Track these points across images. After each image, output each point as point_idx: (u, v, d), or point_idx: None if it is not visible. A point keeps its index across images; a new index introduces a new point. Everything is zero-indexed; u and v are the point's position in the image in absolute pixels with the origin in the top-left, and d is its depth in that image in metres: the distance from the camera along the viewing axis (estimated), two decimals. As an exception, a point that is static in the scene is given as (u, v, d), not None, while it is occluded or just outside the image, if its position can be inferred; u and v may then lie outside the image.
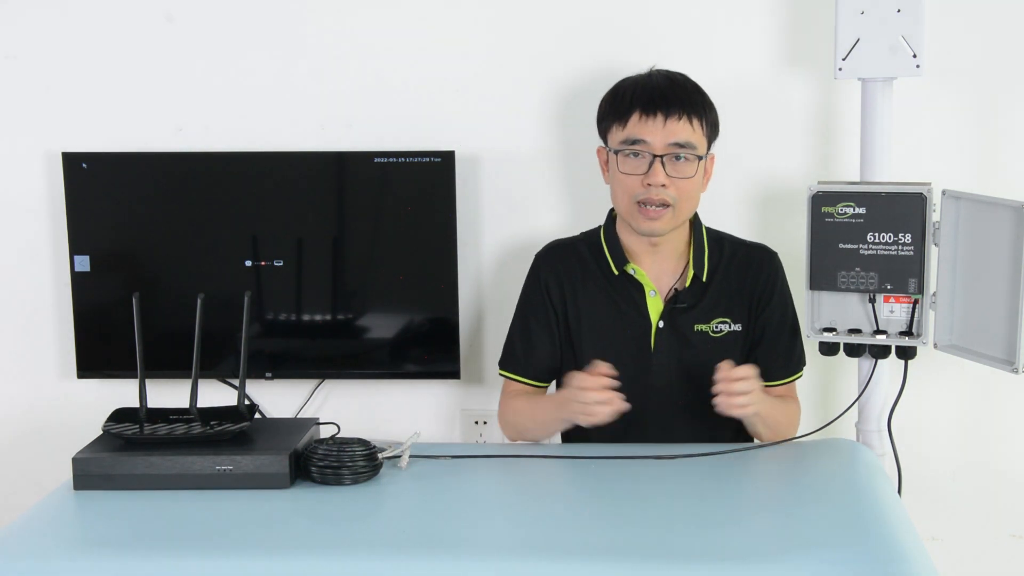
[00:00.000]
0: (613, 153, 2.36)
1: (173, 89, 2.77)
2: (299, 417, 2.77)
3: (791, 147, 2.71)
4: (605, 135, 2.40)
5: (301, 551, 1.88)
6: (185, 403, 2.24)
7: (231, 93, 2.76)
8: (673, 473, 2.18)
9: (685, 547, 1.87)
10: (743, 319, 2.42)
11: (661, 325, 2.40)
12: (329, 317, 2.72)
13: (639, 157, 2.33)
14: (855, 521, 1.96)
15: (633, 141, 2.33)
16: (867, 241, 2.36)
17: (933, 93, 2.61)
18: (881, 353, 2.46)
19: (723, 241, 2.47)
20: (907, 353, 2.44)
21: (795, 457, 2.29)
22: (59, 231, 2.77)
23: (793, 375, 2.47)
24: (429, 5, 2.72)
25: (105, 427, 2.21)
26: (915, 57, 2.40)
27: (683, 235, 2.43)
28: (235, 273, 2.69)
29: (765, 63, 2.68)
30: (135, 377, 2.22)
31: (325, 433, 2.32)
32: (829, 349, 2.47)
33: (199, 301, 2.21)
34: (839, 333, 2.44)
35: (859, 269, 2.37)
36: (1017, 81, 2.65)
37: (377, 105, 2.74)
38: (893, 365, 2.49)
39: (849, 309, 2.42)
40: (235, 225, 2.70)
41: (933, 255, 2.34)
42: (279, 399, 2.83)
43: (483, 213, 2.76)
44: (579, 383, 2.23)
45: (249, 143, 2.73)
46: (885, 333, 2.40)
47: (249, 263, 2.69)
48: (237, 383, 2.29)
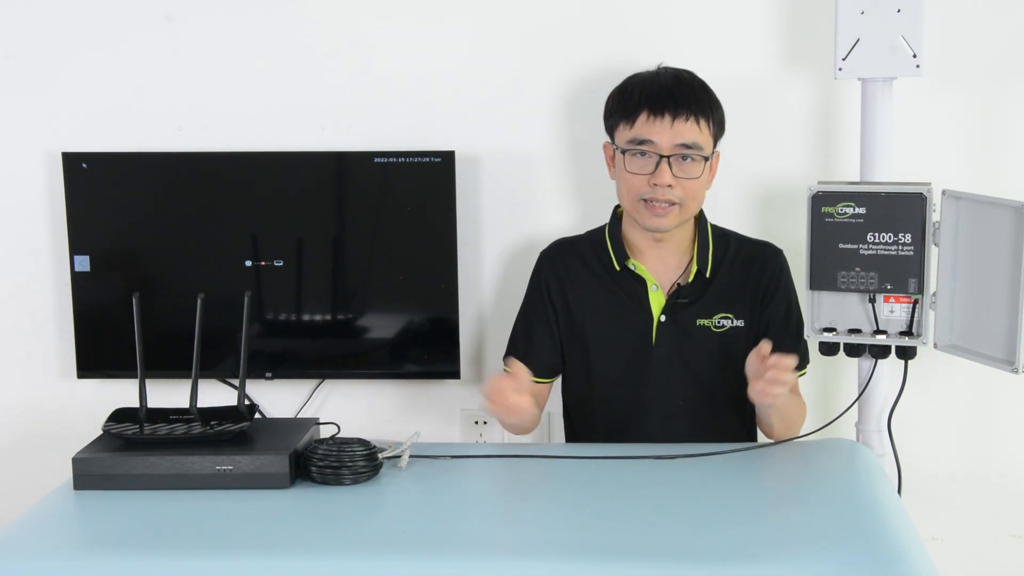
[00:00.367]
0: (620, 152, 2.36)
1: (173, 89, 2.77)
2: (299, 417, 2.77)
3: (791, 147, 2.71)
4: (612, 132, 2.41)
5: (301, 551, 1.88)
6: (185, 403, 2.24)
7: (231, 93, 2.76)
8: (673, 473, 2.18)
9: (685, 547, 1.88)
10: (746, 315, 2.43)
11: (663, 319, 2.41)
12: (329, 317, 2.72)
13: (646, 157, 2.33)
14: (855, 521, 1.96)
15: (640, 141, 2.33)
16: (867, 241, 2.36)
17: (933, 93, 2.61)
18: (881, 353, 2.46)
19: (728, 238, 2.47)
20: (907, 353, 2.44)
21: (795, 457, 2.29)
22: (59, 231, 2.76)
23: (798, 371, 2.46)
24: (429, 5, 2.72)
25: (105, 427, 2.21)
26: (915, 57, 2.40)
27: (688, 231, 2.44)
28: (235, 273, 2.69)
29: (765, 63, 2.68)
30: (135, 377, 2.22)
31: (325, 433, 2.32)
32: (829, 349, 2.46)
33: (199, 301, 2.21)
34: (839, 333, 2.43)
35: (859, 269, 2.37)
36: (1017, 81, 2.65)
37: (377, 105, 2.74)
38: (893, 365, 2.49)
39: (849, 309, 2.42)
40: (235, 225, 2.70)
41: (933, 255, 2.34)
42: (279, 399, 2.83)
43: (483, 213, 2.76)
44: (487, 384, 2.26)
45: (249, 143, 2.73)
46: (885, 333, 2.40)
47: (249, 263, 2.69)
48: (237, 383, 2.29)
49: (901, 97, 2.49)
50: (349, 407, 2.82)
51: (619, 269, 2.43)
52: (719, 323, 2.42)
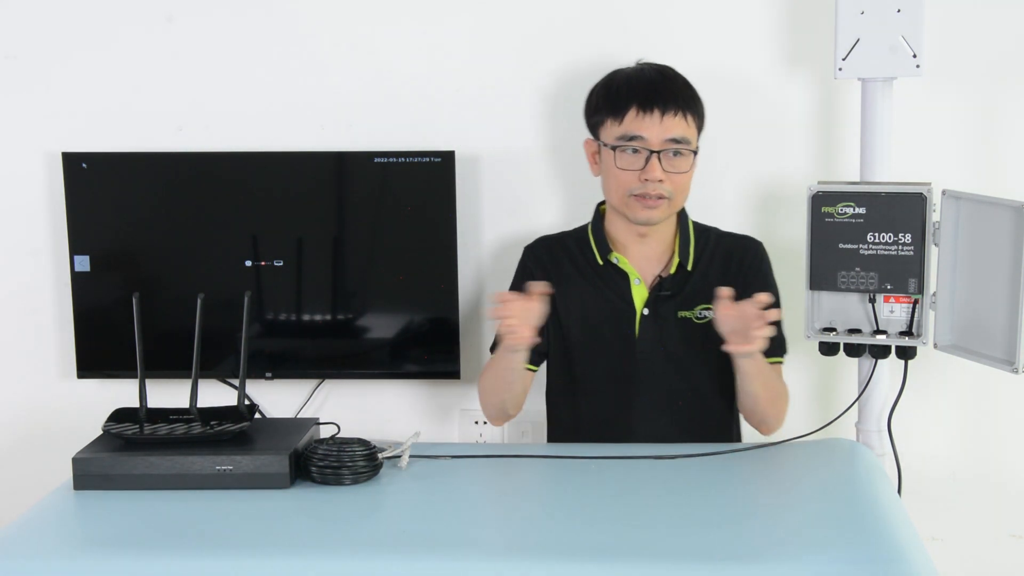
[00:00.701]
0: (609, 149, 2.37)
1: (173, 89, 2.77)
2: (299, 417, 2.77)
3: (791, 147, 2.71)
4: (596, 129, 2.42)
5: (301, 551, 1.88)
6: (185, 403, 2.24)
7: (231, 93, 2.76)
8: (673, 473, 2.18)
9: (685, 547, 1.88)
10: None
11: (646, 312, 2.42)
12: (329, 317, 2.72)
13: (636, 153, 2.34)
14: (855, 521, 1.96)
15: (631, 137, 2.34)
16: (867, 241, 2.36)
17: (933, 93, 2.61)
18: (881, 353, 2.46)
19: (709, 232, 2.49)
20: (907, 353, 2.44)
21: (795, 457, 2.29)
22: (59, 231, 2.76)
23: (774, 356, 2.44)
24: (429, 5, 2.72)
25: (105, 427, 2.21)
26: (915, 57, 2.40)
27: (670, 225, 2.45)
28: (235, 273, 2.69)
29: (765, 63, 2.68)
30: (135, 377, 2.22)
31: (325, 433, 2.32)
32: (829, 349, 2.47)
33: (199, 301, 2.21)
34: (839, 333, 2.43)
35: (859, 269, 2.37)
36: (1017, 81, 2.65)
37: (377, 105, 2.74)
38: (893, 365, 2.49)
39: (849, 309, 2.42)
40: (235, 225, 2.70)
41: (933, 255, 2.34)
42: (279, 399, 2.83)
43: (483, 213, 2.76)
44: (500, 297, 2.25)
45: (249, 143, 2.73)
46: (885, 333, 2.40)
47: (249, 263, 2.69)
48: (237, 383, 2.29)
49: (901, 97, 2.49)
50: (349, 407, 2.82)
51: (602, 263, 2.44)
52: (701, 315, 2.43)
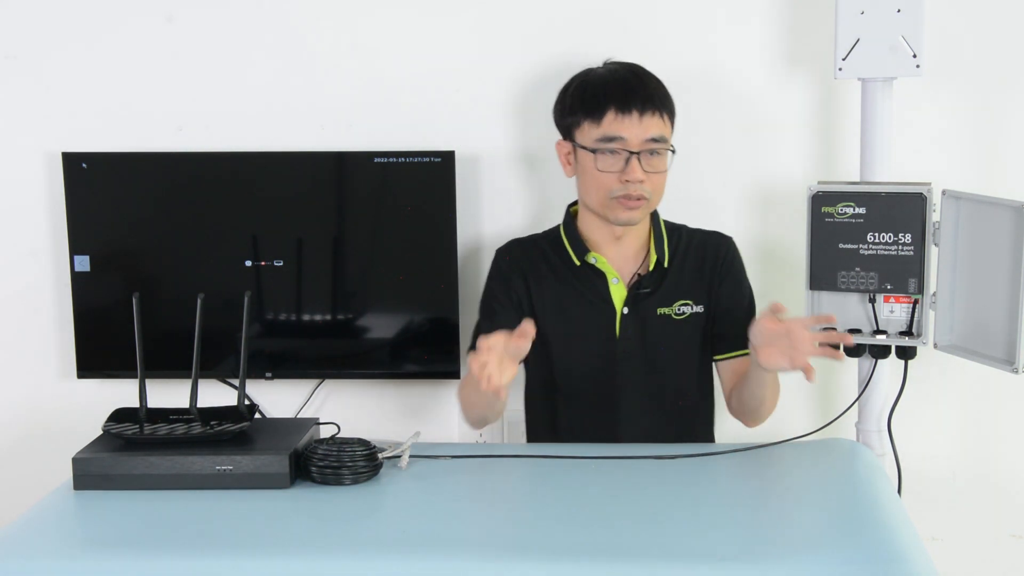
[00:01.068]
0: (588, 151, 2.36)
1: (173, 89, 2.77)
2: (299, 417, 2.77)
3: (791, 147, 2.71)
4: (571, 130, 2.41)
5: (301, 551, 1.88)
6: (185, 403, 2.24)
7: (231, 93, 2.76)
8: (673, 473, 2.18)
9: (684, 547, 1.88)
10: (704, 300, 2.44)
11: (626, 311, 2.42)
12: (329, 317, 2.72)
13: (615, 154, 2.33)
14: (855, 521, 1.96)
15: (610, 139, 2.33)
16: (867, 241, 2.36)
17: (933, 93, 2.61)
18: (881, 353, 2.46)
19: (680, 230, 2.49)
20: (907, 353, 2.44)
21: (795, 457, 2.29)
22: (59, 231, 2.76)
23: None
24: (429, 5, 2.72)
25: (105, 427, 2.21)
26: (915, 57, 2.41)
27: (644, 225, 2.45)
28: (235, 273, 2.69)
29: (765, 63, 2.68)
30: (135, 377, 2.22)
31: (325, 433, 2.32)
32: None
33: (199, 301, 2.21)
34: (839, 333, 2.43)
35: (859, 269, 2.38)
36: (1017, 81, 2.65)
37: (377, 105, 2.74)
38: (893, 365, 2.49)
39: (849, 309, 2.42)
40: (235, 225, 2.70)
41: (933, 255, 2.34)
42: (279, 399, 2.83)
43: (483, 213, 2.76)
44: (481, 343, 2.11)
45: (249, 143, 2.73)
46: (885, 333, 2.41)
47: (249, 263, 2.69)
48: (237, 383, 2.29)
49: (901, 97, 2.49)
50: (349, 407, 2.82)
51: (579, 264, 2.44)
52: (680, 310, 2.43)
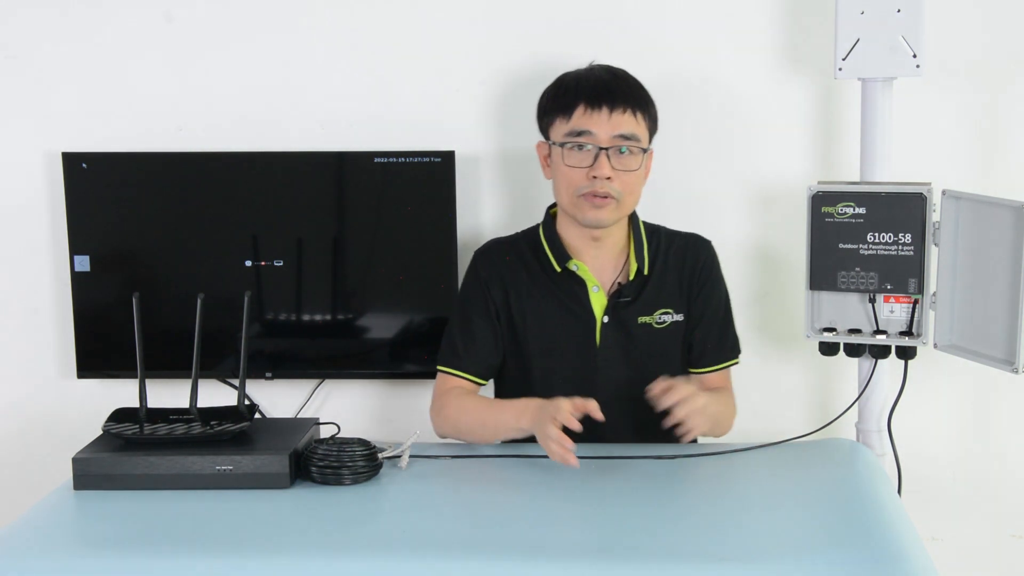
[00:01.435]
0: (558, 147, 2.36)
1: (173, 89, 2.77)
2: (299, 417, 2.77)
3: (791, 147, 2.71)
4: (547, 129, 2.40)
5: (301, 551, 1.88)
6: (185, 403, 2.24)
7: (231, 93, 2.76)
8: (673, 473, 2.18)
9: (685, 547, 1.88)
10: (684, 308, 2.43)
11: (606, 320, 2.40)
12: (329, 317, 2.72)
13: (584, 150, 2.32)
14: (855, 521, 1.96)
15: (579, 133, 2.33)
16: (867, 241, 2.36)
17: (933, 93, 2.61)
18: (881, 353, 2.46)
19: (659, 233, 2.47)
20: (907, 353, 2.44)
21: (795, 457, 2.29)
22: (59, 231, 2.76)
23: (727, 361, 2.47)
24: (429, 5, 2.72)
25: (105, 427, 2.21)
26: (915, 57, 2.41)
27: (622, 230, 2.43)
28: (235, 273, 2.69)
29: (765, 63, 2.68)
30: (135, 377, 2.23)
31: (325, 433, 2.32)
32: (829, 349, 2.47)
33: (199, 301, 2.21)
34: (839, 333, 2.44)
35: (859, 269, 2.38)
36: (1017, 81, 2.65)
37: (377, 105, 2.74)
38: (893, 365, 2.49)
39: (849, 309, 2.43)
40: (235, 225, 2.70)
41: (933, 255, 2.34)
42: (279, 399, 2.83)
43: (483, 213, 2.76)
44: (556, 410, 2.14)
45: (249, 143, 2.73)
46: (885, 333, 2.41)
47: (249, 263, 2.69)
48: (237, 383, 2.29)
49: (901, 97, 2.49)
50: (349, 407, 2.82)
51: (559, 270, 2.41)
52: (660, 319, 2.42)
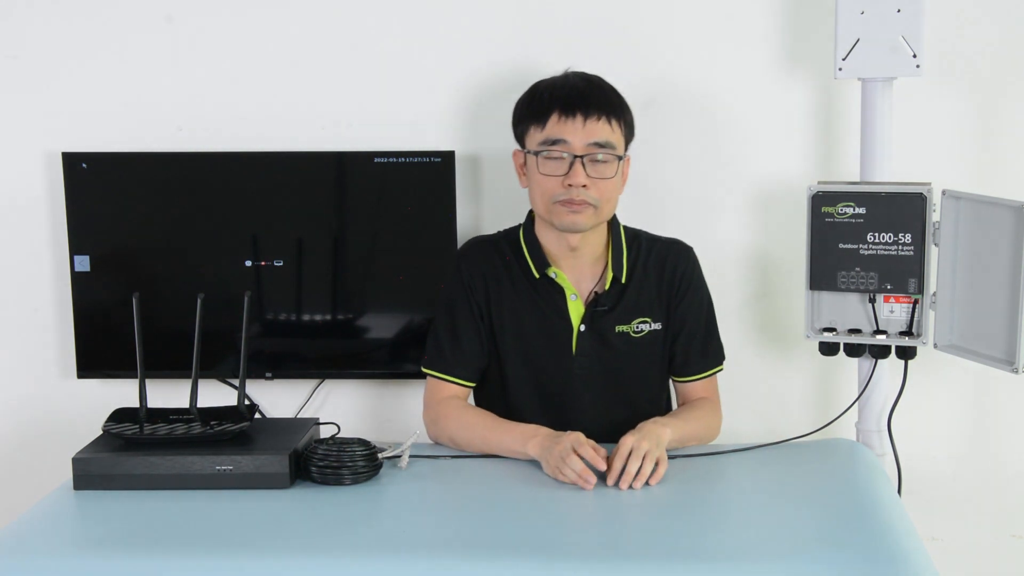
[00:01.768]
0: (532, 155, 2.35)
1: (173, 89, 2.77)
2: (299, 417, 2.77)
3: (791, 147, 2.70)
4: (522, 138, 2.39)
5: (301, 551, 1.88)
6: (185, 403, 2.24)
7: (231, 93, 2.76)
8: (672, 473, 2.18)
9: (685, 547, 1.88)
10: (663, 317, 2.42)
11: (583, 329, 2.39)
12: (329, 317, 2.72)
13: (559, 159, 2.31)
14: (855, 521, 1.96)
15: (553, 141, 2.31)
16: (867, 241, 2.36)
17: (933, 93, 2.61)
18: (881, 353, 2.46)
19: (639, 239, 2.45)
20: (907, 353, 2.44)
21: (795, 457, 2.29)
22: (59, 231, 2.76)
23: (711, 369, 2.45)
24: (429, 5, 2.72)
25: (105, 427, 2.21)
26: (915, 57, 2.41)
27: (601, 237, 2.41)
28: (235, 273, 2.69)
29: (765, 63, 2.68)
30: (135, 377, 2.23)
31: (325, 433, 2.32)
32: (829, 349, 2.47)
33: (199, 301, 2.21)
34: (839, 333, 2.44)
35: (859, 269, 2.38)
36: (1017, 81, 2.65)
37: (377, 105, 2.74)
38: (893, 365, 2.49)
39: (849, 309, 2.43)
40: (235, 225, 2.70)
41: (933, 255, 2.35)
42: (279, 399, 2.83)
43: (483, 213, 2.76)
44: (578, 443, 2.14)
45: (249, 143, 2.73)
46: (885, 333, 2.41)
47: (249, 263, 2.69)
48: (237, 383, 2.29)
49: (901, 97, 2.49)
50: (349, 407, 2.82)
51: (538, 277, 2.40)
52: (638, 328, 2.40)
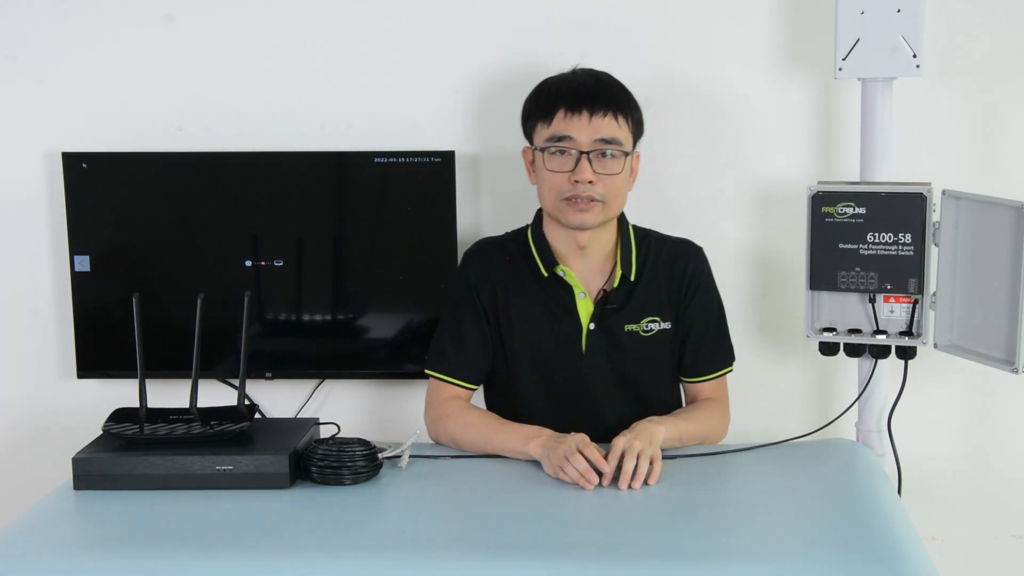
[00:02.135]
0: (539, 151, 2.35)
1: (173, 89, 2.77)
2: (299, 417, 2.77)
3: (791, 147, 2.70)
4: (530, 134, 2.40)
5: (301, 551, 1.88)
6: (185, 403, 2.24)
7: (231, 93, 2.76)
8: (673, 473, 2.18)
9: (685, 547, 1.88)
10: (672, 317, 2.42)
11: (592, 327, 2.39)
12: (329, 317, 2.72)
13: (565, 155, 2.32)
14: (855, 521, 1.96)
15: (559, 138, 2.32)
16: (867, 241, 2.36)
17: (933, 93, 2.61)
18: (881, 353, 2.46)
19: (649, 239, 2.46)
20: (907, 353, 2.44)
21: (795, 457, 2.29)
22: (59, 231, 2.76)
23: (720, 369, 2.46)
24: (429, 5, 2.72)
25: (105, 427, 2.21)
26: (915, 57, 2.41)
27: (610, 236, 2.42)
28: (235, 273, 2.69)
29: (765, 63, 2.68)
30: (135, 377, 2.23)
31: (325, 433, 2.32)
32: (829, 349, 2.47)
33: (199, 301, 2.21)
34: (839, 333, 2.44)
35: (859, 269, 2.38)
36: (1017, 81, 2.65)
37: (377, 105, 2.74)
38: (893, 365, 2.49)
39: (849, 309, 2.43)
40: (235, 225, 2.70)
41: (933, 255, 2.34)
42: (279, 399, 2.83)
43: (483, 213, 2.76)
44: (583, 444, 2.15)
45: (249, 143, 2.73)
46: (885, 333, 2.41)
47: (249, 263, 2.69)
48: (237, 383, 2.30)
49: (901, 97, 2.49)
50: (349, 407, 2.82)
51: (547, 275, 2.40)
52: (647, 327, 2.40)
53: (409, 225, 2.67)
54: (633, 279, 2.40)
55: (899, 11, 2.40)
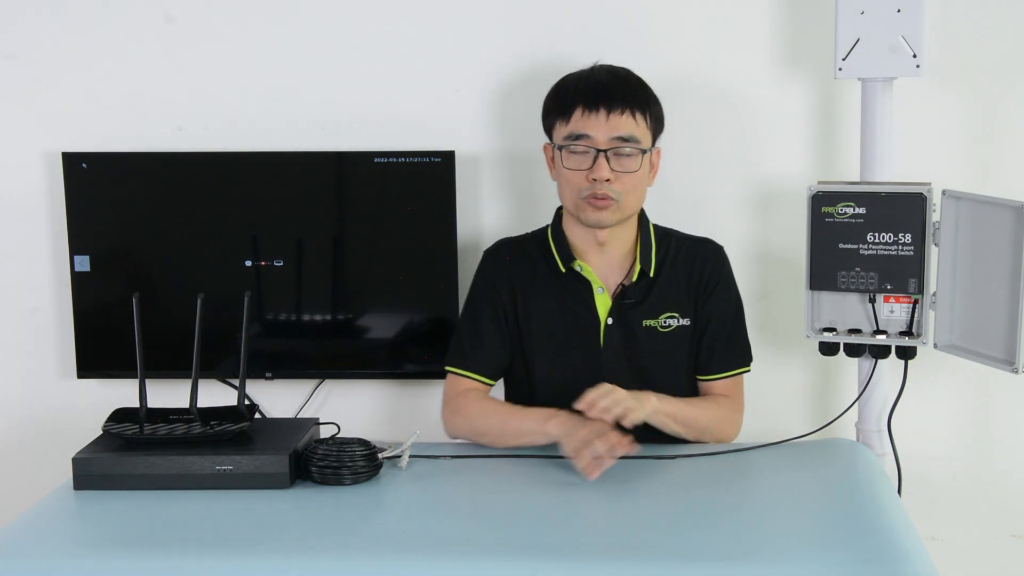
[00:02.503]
0: (557, 149, 2.36)
1: (173, 89, 2.77)
2: (299, 417, 2.77)
3: (791, 147, 2.71)
4: (550, 132, 2.41)
5: (301, 551, 1.88)
6: (185, 403, 2.24)
7: (231, 93, 2.76)
8: (673, 473, 2.18)
9: (684, 547, 1.88)
10: (691, 313, 2.42)
11: (610, 322, 2.40)
12: (329, 317, 2.72)
13: (583, 152, 2.32)
14: (855, 521, 1.96)
15: (577, 136, 2.32)
16: (867, 241, 2.36)
17: (933, 93, 2.61)
18: (881, 353, 2.46)
19: (670, 236, 2.46)
20: (907, 353, 2.44)
21: (795, 457, 2.29)
22: (59, 231, 2.76)
23: (735, 369, 2.45)
24: (429, 5, 2.72)
25: (105, 427, 2.21)
26: (915, 57, 2.41)
27: (630, 232, 2.42)
28: (235, 273, 2.69)
29: (765, 63, 2.68)
30: (135, 377, 2.23)
31: (325, 433, 2.32)
32: (829, 349, 2.47)
33: (199, 301, 2.21)
34: (839, 333, 2.44)
35: (859, 269, 2.38)
36: (1017, 81, 2.65)
37: (377, 105, 2.74)
38: (893, 365, 2.49)
39: (849, 309, 2.42)
40: (235, 225, 2.70)
41: (933, 255, 2.34)
42: (279, 399, 2.83)
43: (483, 213, 2.76)
44: (606, 430, 2.16)
45: (249, 143, 2.73)
46: (885, 333, 2.41)
47: (249, 263, 2.69)
48: (237, 383, 2.30)
49: (901, 97, 2.49)
50: (349, 407, 2.82)
51: (564, 271, 2.41)
52: (665, 323, 2.40)
53: (409, 225, 2.67)
54: (652, 275, 2.40)
55: (899, 11, 2.40)
